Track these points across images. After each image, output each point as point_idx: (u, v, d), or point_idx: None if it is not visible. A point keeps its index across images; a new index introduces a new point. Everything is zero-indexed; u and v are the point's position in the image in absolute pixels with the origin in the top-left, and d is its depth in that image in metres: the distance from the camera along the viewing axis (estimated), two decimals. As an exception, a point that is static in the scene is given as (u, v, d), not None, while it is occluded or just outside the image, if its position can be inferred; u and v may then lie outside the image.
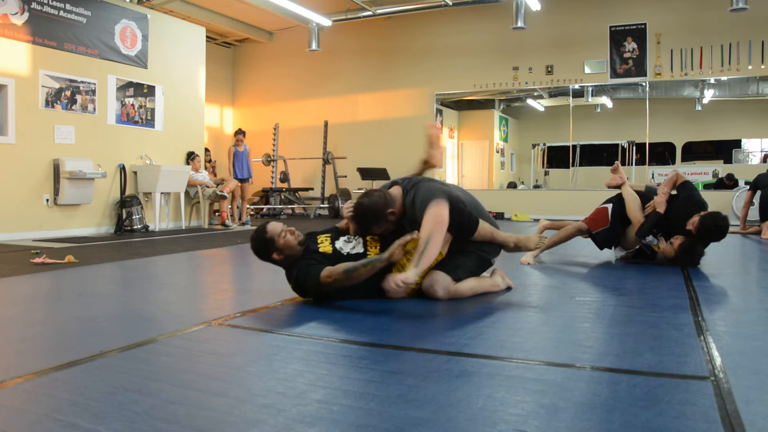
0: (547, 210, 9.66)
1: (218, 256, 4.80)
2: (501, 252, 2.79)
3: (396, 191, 2.58)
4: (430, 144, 2.93)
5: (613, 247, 4.02)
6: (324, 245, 2.61)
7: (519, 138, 13.06)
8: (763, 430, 1.21)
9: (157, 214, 7.40)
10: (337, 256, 2.54)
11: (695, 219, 3.43)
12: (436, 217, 2.37)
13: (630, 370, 1.61)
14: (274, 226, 2.57)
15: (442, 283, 2.55)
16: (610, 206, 3.87)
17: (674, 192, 3.77)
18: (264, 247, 2.57)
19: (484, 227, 2.62)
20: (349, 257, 2.52)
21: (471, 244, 2.64)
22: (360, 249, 2.58)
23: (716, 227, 3.41)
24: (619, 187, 3.89)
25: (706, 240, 3.54)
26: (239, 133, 8.94)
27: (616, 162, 4.02)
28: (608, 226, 3.82)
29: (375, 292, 2.50)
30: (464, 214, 2.52)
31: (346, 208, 2.60)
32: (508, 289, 2.87)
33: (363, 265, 2.36)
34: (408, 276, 2.24)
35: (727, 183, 9.10)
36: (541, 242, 2.75)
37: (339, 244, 2.61)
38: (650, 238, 3.76)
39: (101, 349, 1.83)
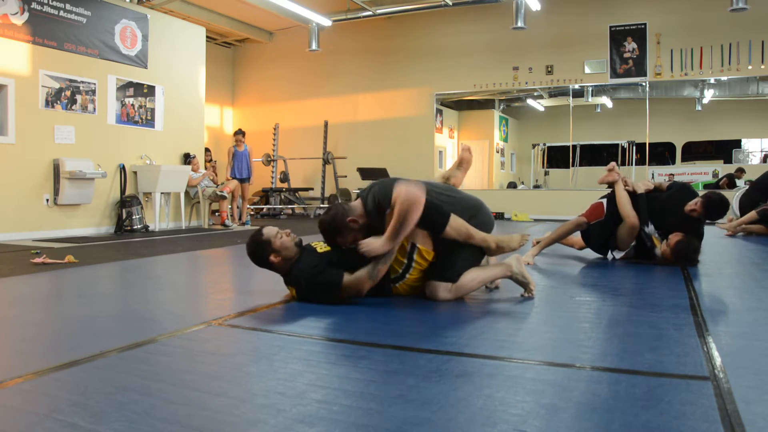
0: (547, 210, 9.66)
1: (218, 256, 4.80)
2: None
3: (356, 201, 2.58)
4: (460, 165, 2.93)
5: (609, 251, 4.09)
6: (321, 247, 2.64)
7: (519, 138, 13.06)
8: (763, 430, 1.21)
9: (157, 214, 7.40)
10: (336, 251, 2.56)
11: (698, 199, 3.67)
12: (408, 195, 2.31)
13: (630, 370, 1.61)
14: (270, 229, 2.60)
15: (442, 285, 2.55)
16: (605, 200, 3.99)
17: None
18: (260, 249, 2.57)
19: (458, 223, 2.47)
20: (349, 251, 2.50)
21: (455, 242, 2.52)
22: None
23: (721, 200, 3.65)
24: (612, 184, 3.97)
25: (711, 215, 3.68)
26: (238, 133, 8.96)
27: (612, 162, 4.11)
28: (603, 218, 3.93)
29: (376, 291, 2.56)
30: (431, 206, 2.42)
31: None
32: (527, 291, 2.70)
33: (377, 263, 2.41)
34: (376, 246, 2.34)
35: (736, 175, 9.17)
36: (524, 241, 2.60)
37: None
38: (651, 228, 3.80)
39: (101, 349, 1.83)
